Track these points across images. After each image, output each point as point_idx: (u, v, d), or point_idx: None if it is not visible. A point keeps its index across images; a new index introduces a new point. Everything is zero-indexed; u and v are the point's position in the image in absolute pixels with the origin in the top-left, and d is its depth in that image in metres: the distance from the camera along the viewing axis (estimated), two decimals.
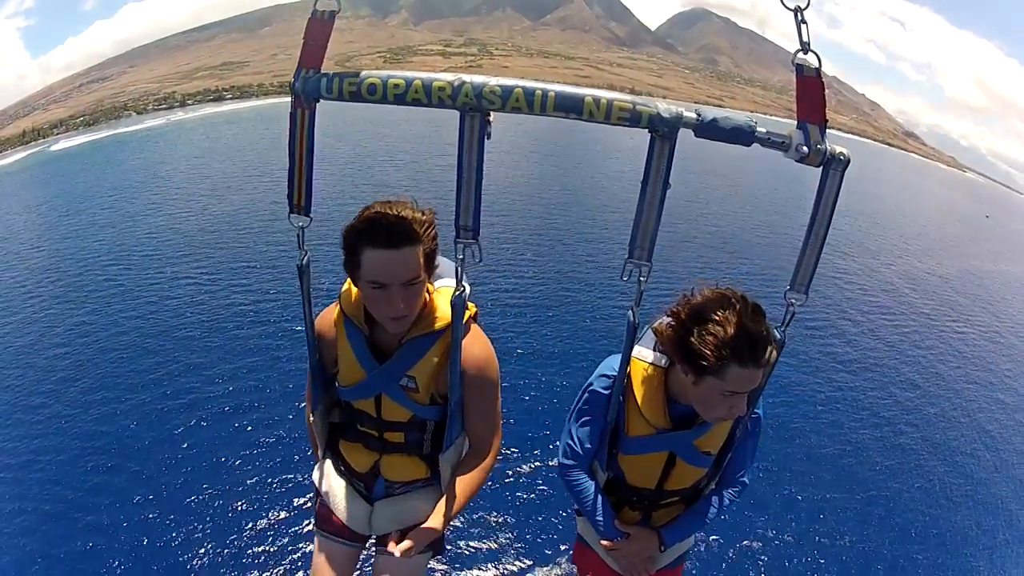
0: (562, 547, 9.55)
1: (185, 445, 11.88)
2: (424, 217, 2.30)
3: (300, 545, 9.40)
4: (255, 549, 9.46)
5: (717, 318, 2.20)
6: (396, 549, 2.47)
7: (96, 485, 11.06)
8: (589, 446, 2.77)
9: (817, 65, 1.98)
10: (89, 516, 10.28)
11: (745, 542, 10.52)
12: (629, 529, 2.85)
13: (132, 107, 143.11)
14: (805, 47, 1.94)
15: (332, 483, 2.94)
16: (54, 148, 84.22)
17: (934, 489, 13.08)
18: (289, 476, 10.77)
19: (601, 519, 2.84)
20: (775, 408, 13.71)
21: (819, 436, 14.02)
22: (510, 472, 10.99)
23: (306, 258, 2.40)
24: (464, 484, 2.67)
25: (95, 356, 15.90)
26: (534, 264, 22.52)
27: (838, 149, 2.03)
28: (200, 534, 9.70)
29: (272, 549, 9.44)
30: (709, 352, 2.20)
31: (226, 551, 9.41)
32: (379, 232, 2.18)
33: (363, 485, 2.92)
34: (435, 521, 2.60)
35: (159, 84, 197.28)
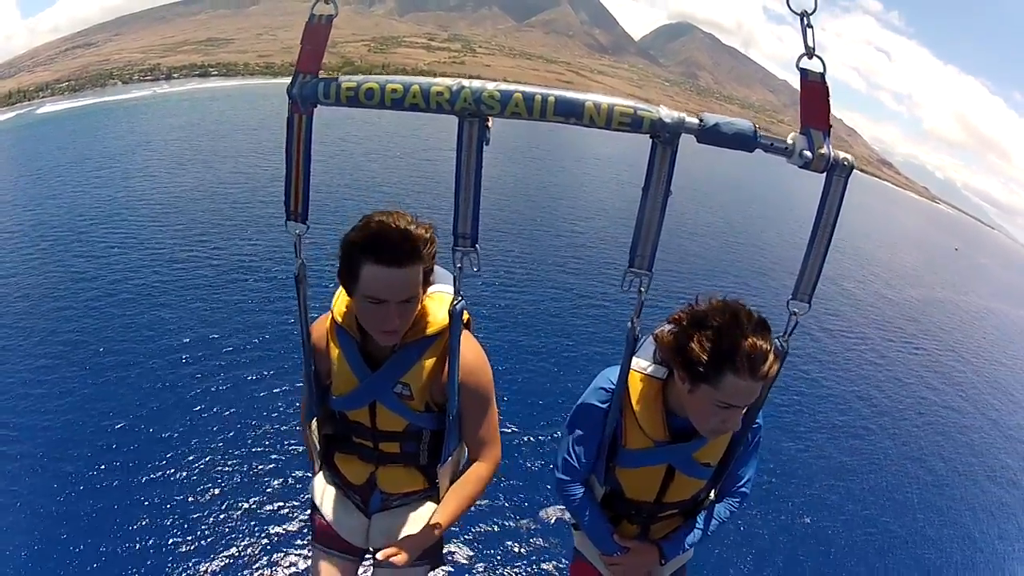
0: (559, 562, 9.63)
1: (181, 431, 11.78)
2: (426, 233, 2.30)
3: (298, 558, 9.40)
4: (252, 561, 9.35)
5: (717, 325, 2.20)
6: (381, 554, 2.43)
7: (95, 451, 11.17)
8: (586, 460, 2.75)
9: (821, 70, 1.98)
10: (81, 501, 10.18)
11: (743, 544, 10.87)
12: (628, 543, 2.84)
13: (117, 76, 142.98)
14: (810, 52, 1.96)
15: (328, 496, 2.95)
16: (40, 111, 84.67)
17: (888, 472, 14.36)
18: (287, 485, 10.65)
19: (599, 533, 2.84)
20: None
21: (805, 434, 14.88)
22: (506, 485, 10.86)
23: (303, 266, 2.43)
24: (460, 494, 2.66)
25: (88, 308, 16.24)
26: (530, 271, 22.41)
27: (842, 155, 2.03)
28: (197, 544, 9.53)
29: (270, 562, 9.32)
30: (706, 358, 2.19)
31: (223, 563, 9.31)
32: (383, 249, 2.18)
33: (359, 498, 2.92)
34: (428, 530, 2.60)
35: (144, 55, 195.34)
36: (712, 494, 2.91)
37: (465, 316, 2.48)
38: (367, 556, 3.04)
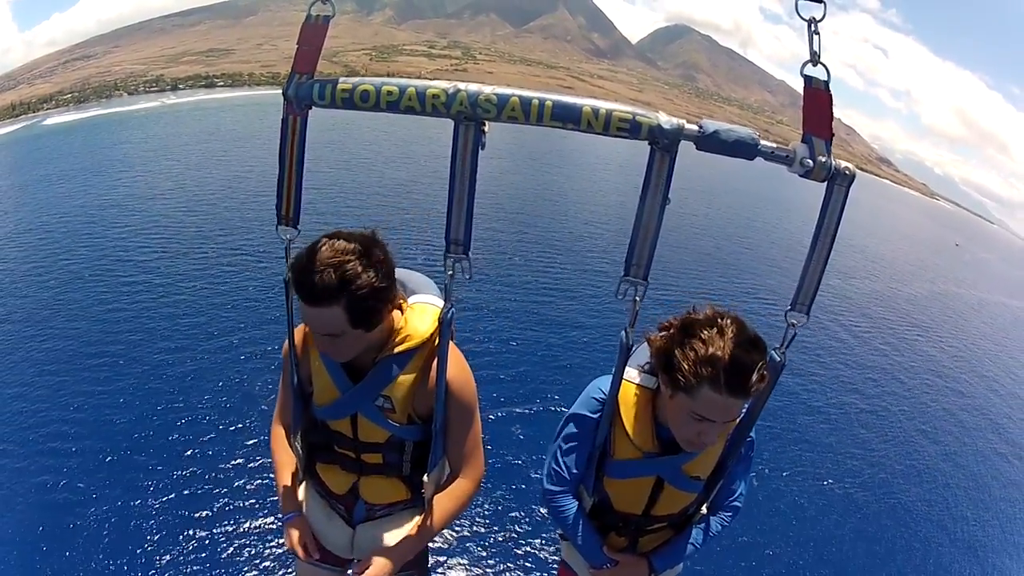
0: (547, 573, 9.50)
1: (171, 437, 11.34)
2: (361, 276, 2.18)
3: (281, 571, 8.98)
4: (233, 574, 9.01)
5: (704, 336, 2.15)
6: (356, 574, 2.50)
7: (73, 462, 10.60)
8: (576, 471, 2.73)
9: (826, 78, 1.96)
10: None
11: (736, 554, 10.31)
12: (617, 556, 2.82)
13: (122, 87, 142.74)
14: (815, 59, 1.94)
15: (311, 506, 2.91)
16: (47, 123, 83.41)
17: (886, 474, 13.85)
18: (268, 495, 10.11)
19: (588, 545, 2.81)
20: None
21: (787, 458, 13.97)
22: (493, 495, 10.47)
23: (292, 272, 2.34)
24: (442, 508, 2.65)
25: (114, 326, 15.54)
26: (520, 278, 21.55)
27: (843, 164, 2.00)
28: (171, 554, 9.05)
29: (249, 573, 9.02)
30: (686, 367, 2.15)
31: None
32: (299, 287, 2.18)
33: (343, 508, 2.89)
34: (406, 544, 2.64)
35: (145, 66, 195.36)
36: (704, 508, 2.88)
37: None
38: (351, 567, 3.02)
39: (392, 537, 2.72)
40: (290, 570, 8.38)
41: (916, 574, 11.24)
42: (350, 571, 2.96)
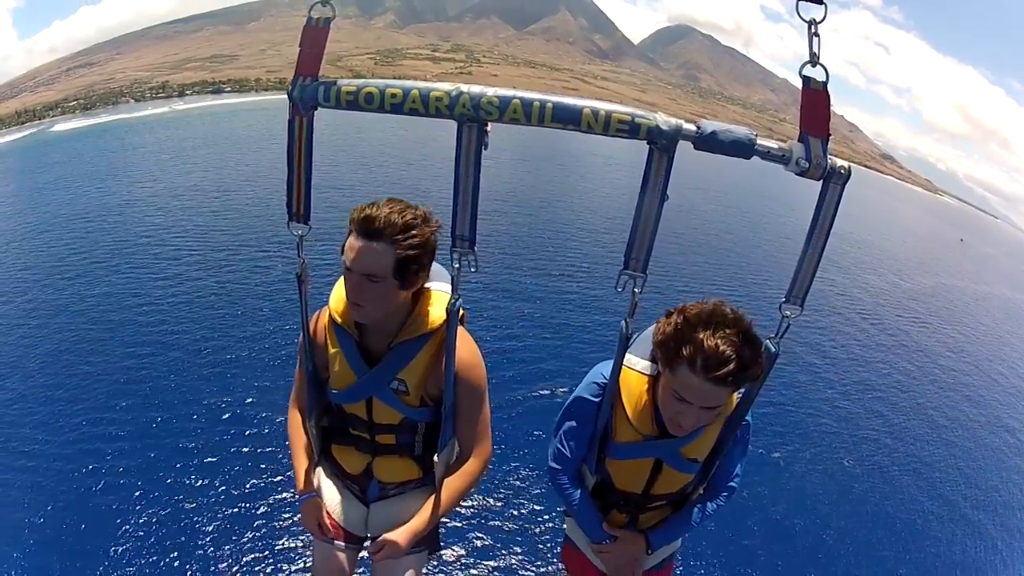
0: (550, 547, 9.61)
1: (181, 435, 11.41)
2: (416, 229, 2.35)
3: (297, 548, 9.19)
4: (251, 553, 9.11)
5: (696, 322, 2.25)
6: (374, 555, 2.67)
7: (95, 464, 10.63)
8: (577, 451, 2.83)
9: (824, 79, 1.98)
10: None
11: (736, 540, 10.40)
12: (616, 532, 2.94)
13: (128, 94, 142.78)
14: (814, 59, 1.96)
15: (326, 486, 3.01)
16: (55, 129, 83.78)
17: (892, 470, 13.64)
18: (285, 476, 10.32)
19: (588, 521, 2.95)
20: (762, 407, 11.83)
21: (800, 433, 13.97)
22: (500, 473, 10.90)
23: (304, 266, 2.53)
24: (450, 488, 2.75)
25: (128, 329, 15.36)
26: (526, 270, 22.12)
27: (839, 163, 2.05)
28: (191, 538, 9.25)
29: (269, 553, 9.11)
30: (672, 346, 2.28)
31: (220, 557, 9.01)
32: (360, 221, 2.31)
33: (357, 487, 3.02)
34: (414, 524, 2.72)
35: (149, 73, 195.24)
36: (701, 488, 2.97)
37: (461, 312, 2.55)
38: (366, 544, 3.12)
39: (405, 515, 2.81)
40: (309, 547, 8.49)
41: (916, 535, 11.64)
42: (365, 548, 3.11)
